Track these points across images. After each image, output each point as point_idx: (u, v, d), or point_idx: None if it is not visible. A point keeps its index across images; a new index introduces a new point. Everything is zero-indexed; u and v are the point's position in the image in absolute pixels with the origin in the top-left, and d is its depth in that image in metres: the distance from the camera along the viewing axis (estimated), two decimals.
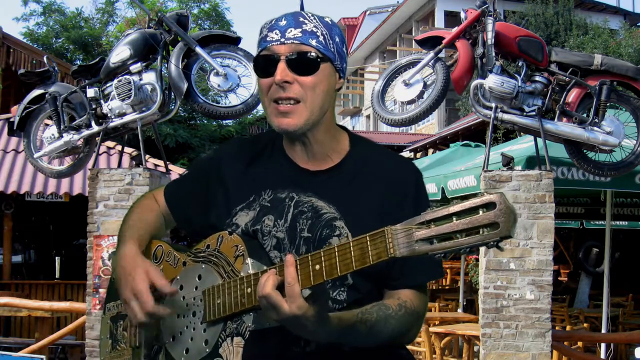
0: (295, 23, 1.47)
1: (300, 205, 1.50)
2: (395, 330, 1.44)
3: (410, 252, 1.17)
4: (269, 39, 1.47)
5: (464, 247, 1.12)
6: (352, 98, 34.28)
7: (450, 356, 7.38)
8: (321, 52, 1.47)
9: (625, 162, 4.59)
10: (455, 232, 1.13)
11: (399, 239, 1.19)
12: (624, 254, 12.14)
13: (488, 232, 1.10)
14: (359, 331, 1.38)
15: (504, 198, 1.10)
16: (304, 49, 1.45)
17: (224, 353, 1.40)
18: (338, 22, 29.96)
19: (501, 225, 1.09)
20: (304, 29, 1.46)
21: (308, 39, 1.46)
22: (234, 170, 1.58)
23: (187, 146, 14.47)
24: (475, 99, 4.55)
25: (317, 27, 1.47)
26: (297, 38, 1.45)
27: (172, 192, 1.70)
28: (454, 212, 1.13)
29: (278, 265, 1.33)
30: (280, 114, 1.46)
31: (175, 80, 4.59)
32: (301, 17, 1.48)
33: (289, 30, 1.46)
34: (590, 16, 19.65)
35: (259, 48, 1.50)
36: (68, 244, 12.77)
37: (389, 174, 1.54)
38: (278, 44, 1.46)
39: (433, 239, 1.15)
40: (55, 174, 5.36)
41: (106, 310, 1.72)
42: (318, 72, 1.47)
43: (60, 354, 7.76)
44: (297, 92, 1.45)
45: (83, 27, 17.75)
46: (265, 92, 1.48)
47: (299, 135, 1.50)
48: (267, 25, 1.50)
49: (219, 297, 1.43)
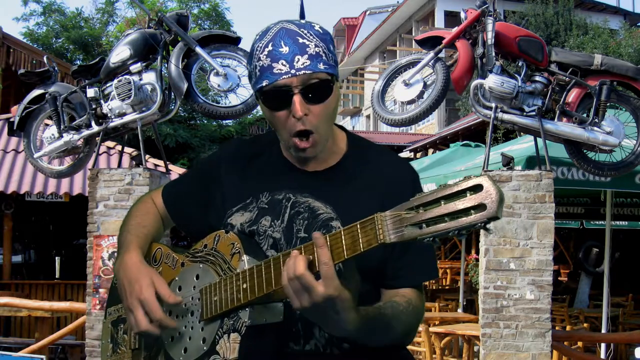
0: (298, 48, 1.40)
1: (297, 205, 1.50)
2: (406, 327, 1.44)
3: (399, 237, 1.17)
4: (276, 70, 1.40)
5: (453, 229, 1.12)
6: (352, 98, 34.29)
7: (450, 356, 7.38)
8: (330, 74, 1.44)
9: (625, 162, 4.60)
10: (444, 216, 1.13)
11: (388, 225, 1.19)
12: (624, 254, 12.15)
13: (476, 214, 1.10)
14: (379, 326, 1.37)
15: (490, 180, 1.11)
16: (317, 77, 1.41)
17: (221, 350, 1.40)
18: (338, 22, 29.80)
19: (488, 206, 1.09)
20: (309, 53, 1.40)
21: (317, 65, 1.41)
22: (233, 171, 1.59)
23: (187, 146, 14.47)
24: (475, 99, 4.55)
25: (317, 46, 1.42)
26: (307, 67, 1.40)
27: (170, 194, 1.71)
28: (442, 196, 1.14)
29: (303, 246, 1.29)
30: (301, 149, 1.45)
31: (175, 80, 4.59)
32: (299, 38, 1.41)
33: (296, 60, 1.40)
34: (590, 16, 19.67)
35: (262, 79, 1.42)
36: (68, 244, 12.78)
37: (386, 174, 1.54)
38: (289, 76, 1.39)
39: (422, 224, 1.15)
40: (55, 174, 5.36)
41: (107, 315, 1.72)
42: (331, 95, 1.46)
43: (60, 354, 7.76)
44: (314, 122, 1.43)
45: (83, 27, 17.75)
46: (282, 125, 1.45)
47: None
48: (266, 52, 1.41)
49: (216, 294, 1.43)
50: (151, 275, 1.50)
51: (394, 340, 1.46)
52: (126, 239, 1.60)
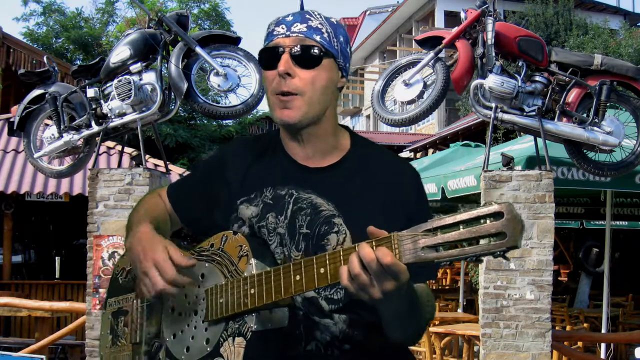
0: (301, 19, 1.51)
1: (300, 201, 1.51)
2: (428, 317, 1.45)
3: (415, 259, 1.17)
4: (275, 32, 1.52)
5: (470, 255, 1.12)
6: (352, 98, 34.28)
7: (450, 356, 7.38)
8: (324, 48, 1.50)
9: (625, 162, 4.59)
10: (462, 241, 1.13)
11: (404, 246, 1.18)
12: (624, 254, 12.15)
13: (494, 242, 1.10)
14: (419, 308, 1.37)
15: (511, 208, 1.10)
16: (308, 43, 1.49)
17: (225, 353, 1.40)
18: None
19: (508, 235, 1.09)
20: (309, 24, 1.50)
21: (312, 34, 1.49)
22: (237, 169, 1.59)
23: (187, 146, 14.47)
24: (475, 99, 4.54)
25: (322, 25, 1.52)
26: (302, 32, 1.49)
27: (176, 193, 1.71)
28: (461, 221, 1.13)
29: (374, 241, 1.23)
30: (281, 103, 1.48)
31: (175, 80, 4.59)
32: (308, 15, 1.53)
33: (294, 25, 1.50)
34: (590, 16, 19.64)
35: (265, 42, 1.54)
36: (68, 244, 12.77)
37: (389, 173, 1.55)
38: (283, 36, 1.50)
39: (439, 247, 1.15)
40: (55, 174, 5.36)
41: (107, 306, 1.72)
42: (319, 66, 1.49)
43: (60, 354, 7.76)
44: (297, 85, 1.47)
45: (83, 27, 17.75)
46: (269, 85, 1.51)
47: (298, 129, 1.51)
48: (275, 21, 1.55)
49: (222, 296, 1.43)
50: (164, 242, 1.49)
51: (420, 330, 1.45)
52: (136, 218, 1.61)
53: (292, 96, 1.47)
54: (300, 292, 1.32)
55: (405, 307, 1.30)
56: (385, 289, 1.21)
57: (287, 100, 1.48)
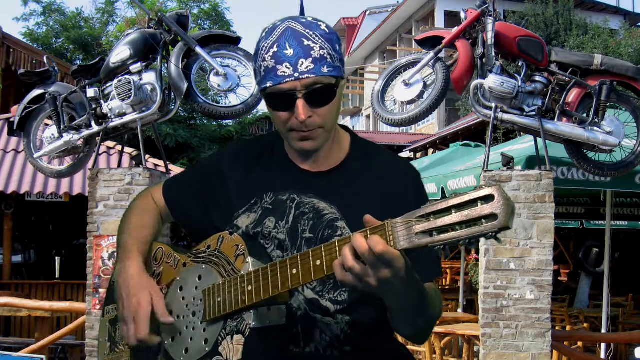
0: (303, 51, 1.39)
1: (302, 206, 1.50)
2: (437, 312, 1.45)
3: (410, 244, 1.18)
4: (280, 73, 1.40)
5: (463, 238, 1.13)
6: (352, 98, 34.29)
7: (450, 356, 7.38)
8: (334, 76, 1.43)
9: (625, 162, 4.59)
10: (455, 224, 1.14)
11: (398, 232, 1.19)
12: (624, 254, 12.15)
13: (487, 224, 1.11)
14: (427, 301, 1.36)
15: (502, 190, 1.12)
16: (320, 81, 1.41)
17: (224, 351, 1.40)
18: (338, 22, 29.68)
19: (500, 216, 1.10)
20: (313, 57, 1.40)
21: (321, 69, 1.40)
22: (236, 172, 1.58)
23: (187, 146, 14.47)
24: (475, 99, 4.54)
25: (322, 48, 1.41)
26: (311, 71, 1.39)
27: (171, 191, 1.70)
28: (453, 205, 1.14)
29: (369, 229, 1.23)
30: (301, 136, 1.45)
31: (175, 80, 4.59)
32: (304, 40, 1.40)
33: (300, 63, 1.39)
34: (590, 16, 19.66)
35: (267, 80, 1.42)
36: (68, 244, 12.78)
37: (389, 173, 1.54)
38: (292, 79, 1.39)
39: (433, 232, 1.16)
40: (55, 174, 5.36)
41: (105, 313, 1.72)
42: (335, 98, 1.46)
43: (60, 354, 7.76)
44: (318, 122, 1.44)
45: (83, 27, 17.74)
46: (282, 123, 1.45)
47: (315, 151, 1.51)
48: (271, 53, 1.41)
49: (219, 295, 1.43)
50: (150, 289, 1.52)
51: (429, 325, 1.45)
52: (127, 243, 1.60)
53: (312, 131, 1.44)
54: (297, 285, 1.32)
55: (411, 299, 1.30)
56: (381, 277, 1.21)
57: (307, 135, 1.45)
